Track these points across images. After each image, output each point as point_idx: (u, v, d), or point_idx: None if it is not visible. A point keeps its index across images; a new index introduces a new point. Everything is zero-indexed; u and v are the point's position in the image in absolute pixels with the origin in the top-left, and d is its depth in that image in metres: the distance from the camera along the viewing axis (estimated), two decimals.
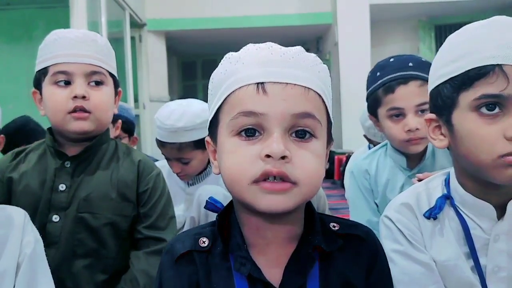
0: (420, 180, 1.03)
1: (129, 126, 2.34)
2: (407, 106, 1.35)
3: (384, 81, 1.38)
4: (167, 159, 1.78)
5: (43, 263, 1.01)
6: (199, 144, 1.68)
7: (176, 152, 1.70)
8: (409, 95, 1.34)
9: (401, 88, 1.34)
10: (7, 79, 4.32)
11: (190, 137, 1.67)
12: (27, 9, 4.66)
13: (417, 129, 1.34)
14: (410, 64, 1.36)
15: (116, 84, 1.29)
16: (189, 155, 1.70)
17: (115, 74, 1.29)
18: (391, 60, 1.42)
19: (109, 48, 1.26)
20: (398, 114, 1.37)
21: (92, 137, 1.24)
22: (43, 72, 1.20)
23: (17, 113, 2.25)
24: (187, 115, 1.66)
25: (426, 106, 1.33)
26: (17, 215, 1.02)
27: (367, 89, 1.47)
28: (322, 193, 1.83)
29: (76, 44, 1.18)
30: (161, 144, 1.74)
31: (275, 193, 0.67)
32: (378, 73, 1.42)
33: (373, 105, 1.44)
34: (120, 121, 2.07)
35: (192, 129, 1.66)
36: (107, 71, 1.24)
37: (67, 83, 1.18)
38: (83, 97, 1.17)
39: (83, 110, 1.18)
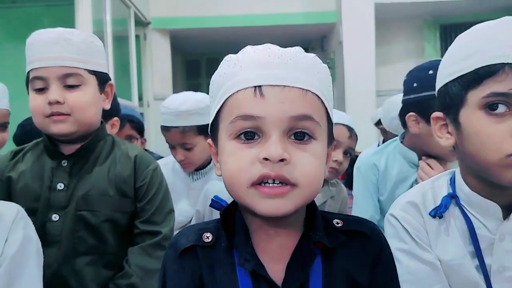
0: (428, 164, 1.02)
1: (140, 126, 2.33)
2: None
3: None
4: (172, 147, 1.81)
5: (30, 263, 0.94)
6: (202, 130, 1.73)
7: (180, 136, 1.75)
8: None
9: None
10: (13, 76, 4.32)
11: (194, 121, 1.73)
12: (32, 7, 4.67)
13: None
14: None
15: (103, 80, 1.25)
16: (193, 140, 1.75)
17: (101, 69, 1.24)
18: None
19: (89, 44, 1.21)
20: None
21: (84, 136, 1.22)
22: (28, 76, 1.20)
23: (23, 110, 2.25)
24: (190, 100, 1.75)
25: None
26: (7, 212, 0.95)
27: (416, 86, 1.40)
28: (345, 194, 1.90)
29: (48, 46, 1.16)
30: (165, 129, 1.79)
31: (274, 197, 0.67)
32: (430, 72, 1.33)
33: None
34: (116, 118, 2.00)
35: (195, 113, 1.72)
36: (86, 70, 1.19)
37: (45, 88, 1.17)
38: (58, 102, 1.15)
39: (60, 113, 1.16)
